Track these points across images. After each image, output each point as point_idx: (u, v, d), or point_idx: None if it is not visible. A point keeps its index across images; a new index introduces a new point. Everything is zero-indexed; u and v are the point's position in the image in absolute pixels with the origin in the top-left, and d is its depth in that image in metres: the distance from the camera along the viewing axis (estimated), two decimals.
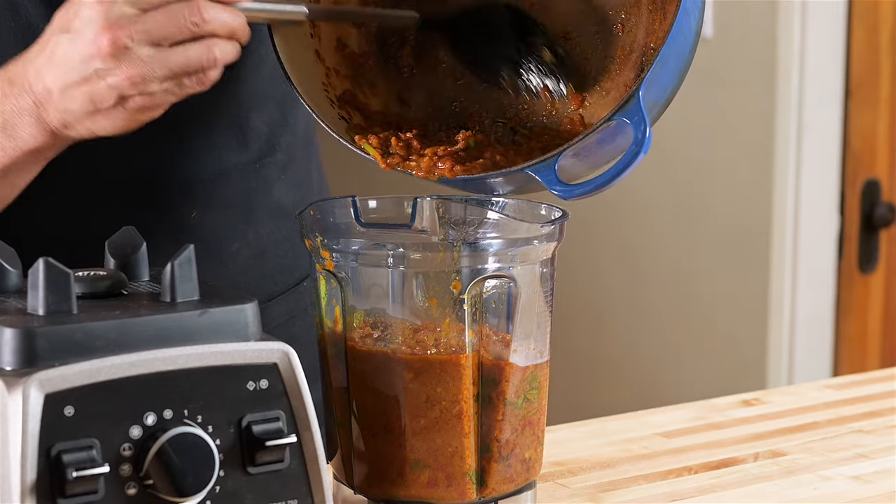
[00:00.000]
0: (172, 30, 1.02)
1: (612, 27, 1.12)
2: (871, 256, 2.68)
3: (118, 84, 1.02)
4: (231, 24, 1.04)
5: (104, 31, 1.01)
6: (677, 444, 1.29)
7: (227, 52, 1.04)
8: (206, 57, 1.03)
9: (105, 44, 1.01)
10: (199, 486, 0.87)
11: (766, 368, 2.61)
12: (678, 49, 1.01)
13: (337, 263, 1.03)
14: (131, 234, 0.99)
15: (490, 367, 1.01)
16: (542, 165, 1.02)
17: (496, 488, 1.03)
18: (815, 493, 1.17)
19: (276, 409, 0.91)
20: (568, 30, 1.15)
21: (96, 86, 1.02)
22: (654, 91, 1.02)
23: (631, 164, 0.98)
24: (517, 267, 1.02)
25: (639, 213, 2.76)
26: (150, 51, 1.01)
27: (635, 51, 1.11)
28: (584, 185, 1.00)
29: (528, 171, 1.02)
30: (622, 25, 1.12)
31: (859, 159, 2.64)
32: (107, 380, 0.85)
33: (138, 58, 1.01)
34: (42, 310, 0.87)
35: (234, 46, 1.05)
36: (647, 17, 1.11)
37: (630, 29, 1.12)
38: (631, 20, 1.12)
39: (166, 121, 1.19)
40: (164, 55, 1.02)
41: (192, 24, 1.02)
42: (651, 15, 1.11)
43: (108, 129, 1.05)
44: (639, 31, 1.11)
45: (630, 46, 1.12)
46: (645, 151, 0.98)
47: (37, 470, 0.83)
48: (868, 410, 1.40)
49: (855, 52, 2.60)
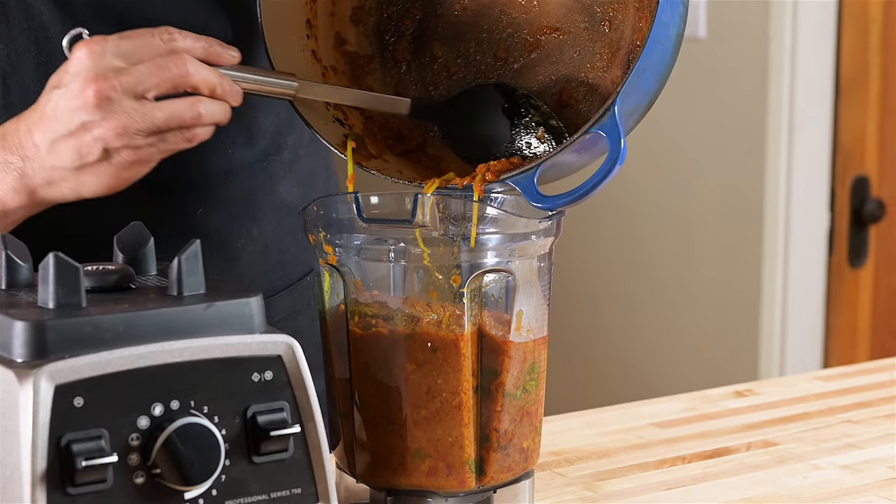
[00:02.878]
0: (156, 81, 1.01)
1: (601, 24, 1.12)
2: (860, 251, 2.67)
3: (103, 136, 1.01)
4: (215, 80, 1.03)
5: (90, 82, 1.00)
6: (671, 434, 1.29)
7: (213, 111, 1.04)
8: (190, 113, 1.02)
9: (91, 95, 1.00)
10: (206, 475, 0.87)
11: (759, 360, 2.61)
12: (656, 58, 1.01)
13: (340, 258, 1.03)
14: (139, 229, 0.99)
15: (489, 359, 1.01)
16: (522, 177, 1.02)
17: (495, 477, 1.03)
18: (807, 481, 1.17)
19: (280, 400, 0.91)
20: (557, 25, 1.14)
21: (82, 138, 1.02)
22: (634, 98, 1.02)
23: (607, 175, 0.98)
24: (515, 261, 1.02)
25: (634, 210, 2.76)
26: (135, 103, 1.01)
27: (622, 48, 1.11)
28: (563, 197, 1.00)
29: (509, 181, 1.02)
30: (609, 22, 1.12)
31: (849, 156, 2.64)
32: (115, 371, 0.85)
33: (122, 109, 1.01)
34: (52, 303, 0.87)
35: (222, 106, 1.04)
36: (634, 16, 1.11)
37: (617, 26, 1.12)
38: (618, 17, 1.11)
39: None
40: (148, 108, 1.01)
41: (176, 76, 1.01)
42: (638, 13, 1.10)
43: (94, 186, 1.04)
44: (626, 29, 1.11)
45: (617, 44, 1.11)
46: (620, 163, 0.98)
47: (47, 459, 0.83)
48: (858, 401, 1.40)
49: (845, 52, 2.60)
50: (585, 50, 1.13)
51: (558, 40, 1.14)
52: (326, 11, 1.18)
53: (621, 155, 0.98)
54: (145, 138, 1.02)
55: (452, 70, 1.19)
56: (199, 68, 1.03)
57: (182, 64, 1.02)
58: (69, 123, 1.02)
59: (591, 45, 1.13)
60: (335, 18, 1.19)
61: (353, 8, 1.20)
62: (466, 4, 1.18)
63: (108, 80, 1.00)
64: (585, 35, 1.13)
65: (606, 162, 0.98)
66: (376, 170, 1.11)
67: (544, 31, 1.15)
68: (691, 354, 2.72)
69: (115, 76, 1.01)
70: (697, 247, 2.69)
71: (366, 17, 1.20)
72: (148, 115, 1.01)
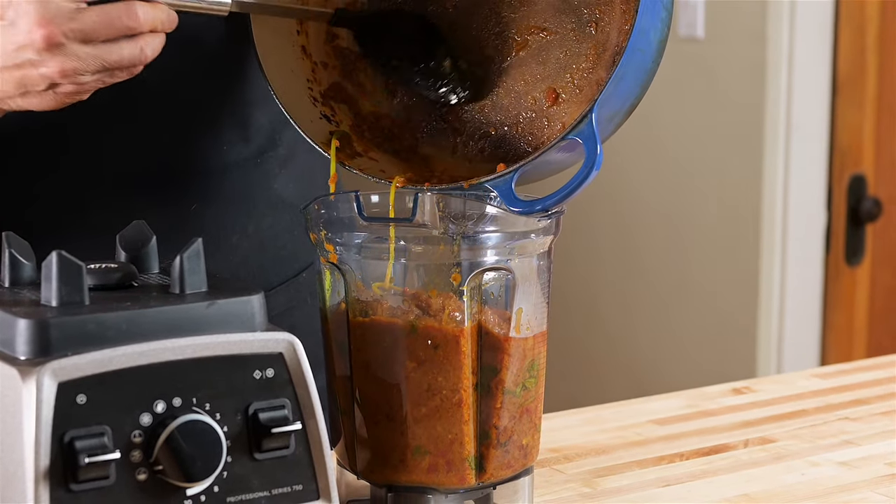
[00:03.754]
0: (107, 32, 1.01)
1: (587, 26, 1.12)
2: (857, 249, 2.67)
3: (50, 74, 1.01)
4: (162, 19, 1.04)
5: (39, 25, 0.99)
6: (670, 431, 1.29)
7: (156, 47, 1.04)
8: (139, 56, 1.03)
9: (38, 38, 1.00)
10: (208, 472, 0.87)
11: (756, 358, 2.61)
12: (636, 65, 1.02)
13: (341, 256, 1.03)
14: (142, 228, 0.99)
15: (488, 356, 1.01)
16: (500, 181, 1.02)
17: (494, 474, 1.03)
18: (804, 478, 1.17)
19: (281, 398, 0.91)
20: (546, 26, 1.14)
21: (28, 72, 1.01)
22: (614, 104, 1.02)
23: (584, 182, 0.99)
24: (515, 260, 1.02)
25: (633, 210, 2.76)
26: (86, 48, 1.01)
27: (608, 49, 1.11)
28: (542, 202, 1.00)
29: (487, 185, 1.02)
30: (596, 24, 1.12)
31: (846, 155, 2.64)
32: (118, 369, 0.85)
33: (73, 53, 1.00)
34: (55, 301, 0.87)
35: (162, 39, 1.05)
36: (620, 18, 1.11)
37: (603, 28, 1.12)
38: (604, 19, 1.12)
39: (172, 116, 1.19)
40: (97, 52, 1.01)
41: (126, 27, 1.01)
42: (624, 16, 1.11)
43: (37, 106, 1.04)
44: (612, 31, 1.11)
45: (603, 45, 1.11)
46: (597, 169, 0.99)
47: (50, 456, 0.83)
48: (854, 398, 1.40)
49: (842, 52, 2.60)
50: (572, 51, 1.13)
51: (545, 40, 1.14)
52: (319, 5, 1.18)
53: (597, 161, 0.99)
54: (92, 76, 1.02)
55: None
56: (146, 14, 1.02)
57: (133, 14, 1.01)
58: (14, 58, 1.01)
59: (577, 46, 1.13)
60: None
61: (346, 4, 1.20)
62: (457, 3, 1.18)
63: (58, 26, 0.99)
64: (572, 36, 1.13)
65: (583, 168, 0.99)
66: (359, 169, 1.11)
67: (532, 31, 1.15)
68: (689, 352, 2.72)
69: (65, 21, 1.00)
70: (696, 245, 2.69)
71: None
72: (97, 58, 1.01)
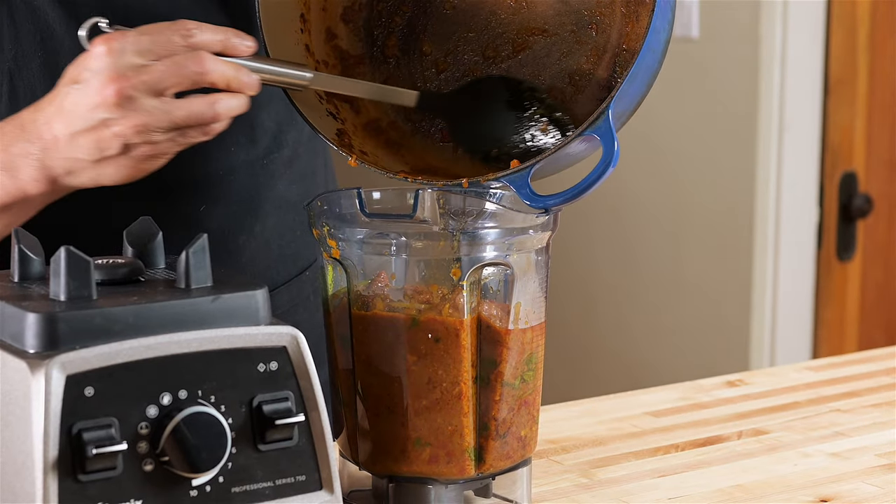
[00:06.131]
0: (176, 80, 1.00)
1: (588, 28, 1.12)
2: (848, 245, 2.67)
3: (123, 133, 1.01)
4: (232, 76, 1.03)
5: (110, 81, 1.00)
6: (665, 423, 1.29)
7: (231, 106, 1.03)
8: (209, 112, 1.02)
9: (111, 94, 1.00)
10: (213, 463, 0.87)
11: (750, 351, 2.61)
12: (647, 64, 1.02)
13: (343, 251, 1.03)
14: (148, 224, 0.99)
15: (488, 350, 1.01)
16: (516, 176, 1.02)
17: (493, 465, 1.03)
18: (796, 468, 1.17)
19: (285, 390, 0.91)
20: (545, 27, 1.14)
21: (102, 134, 1.01)
22: (624, 102, 1.02)
23: (601, 177, 0.98)
24: (514, 255, 1.02)
25: (630, 206, 2.76)
26: (155, 101, 1.00)
27: (608, 51, 1.11)
28: (556, 197, 1.00)
29: (503, 181, 1.02)
30: (596, 26, 1.12)
31: (838, 153, 2.64)
32: (125, 362, 0.85)
33: (143, 108, 1.00)
34: (64, 295, 0.87)
35: (239, 100, 1.04)
36: (621, 21, 1.10)
37: (603, 30, 1.11)
38: (605, 21, 1.11)
39: None
40: (167, 106, 1.01)
41: (194, 73, 1.01)
42: (624, 18, 1.10)
43: (113, 176, 1.04)
44: (612, 33, 1.11)
45: (603, 47, 1.11)
46: (614, 165, 0.98)
47: (58, 447, 0.83)
48: (846, 391, 1.40)
49: (834, 52, 2.59)
50: (572, 52, 1.13)
51: (546, 42, 1.14)
52: (318, 6, 1.18)
53: (615, 157, 0.98)
54: (164, 134, 1.02)
55: (441, 67, 1.18)
56: (216, 64, 1.02)
57: (200, 62, 1.01)
58: (89, 119, 1.01)
59: (577, 48, 1.12)
60: (326, 13, 1.18)
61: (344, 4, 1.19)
62: (456, 3, 1.18)
63: (128, 80, 1.00)
64: (572, 38, 1.13)
65: (600, 164, 0.98)
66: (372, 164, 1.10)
67: (532, 33, 1.15)
68: (684, 345, 2.72)
69: (134, 75, 1.00)
70: (690, 241, 2.69)
71: (357, 13, 1.20)
72: (168, 113, 1.01)
